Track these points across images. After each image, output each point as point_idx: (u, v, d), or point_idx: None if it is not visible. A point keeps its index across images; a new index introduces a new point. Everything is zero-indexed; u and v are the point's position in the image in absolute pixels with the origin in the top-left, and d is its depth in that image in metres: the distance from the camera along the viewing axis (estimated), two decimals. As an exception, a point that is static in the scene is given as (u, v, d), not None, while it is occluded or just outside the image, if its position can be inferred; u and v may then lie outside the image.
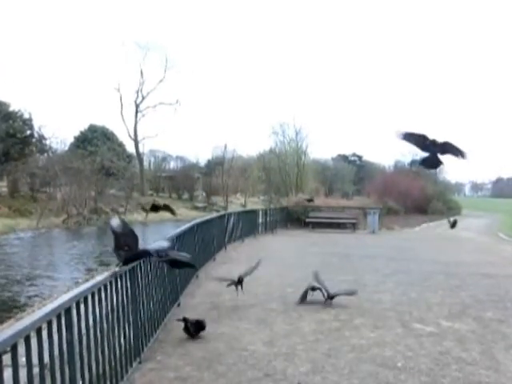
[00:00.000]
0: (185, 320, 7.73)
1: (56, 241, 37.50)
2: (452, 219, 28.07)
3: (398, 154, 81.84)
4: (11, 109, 50.57)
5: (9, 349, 3.29)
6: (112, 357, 5.40)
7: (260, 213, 27.41)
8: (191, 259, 8.14)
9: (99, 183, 51.48)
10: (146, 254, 6.31)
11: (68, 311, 4.26)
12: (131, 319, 6.20)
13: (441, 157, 5.17)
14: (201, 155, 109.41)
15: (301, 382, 5.60)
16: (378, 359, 6.87)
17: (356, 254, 18.42)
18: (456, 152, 5.02)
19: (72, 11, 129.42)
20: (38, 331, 3.75)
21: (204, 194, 71.11)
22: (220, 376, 6.19)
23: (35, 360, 3.62)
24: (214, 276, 9.89)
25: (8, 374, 3.25)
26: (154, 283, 7.66)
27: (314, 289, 10.02)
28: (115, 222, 6.07)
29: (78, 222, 45.05)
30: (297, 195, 38.54)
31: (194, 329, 7.73)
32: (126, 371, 5.93)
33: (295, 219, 31.15)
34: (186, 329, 7.71)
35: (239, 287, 9.87)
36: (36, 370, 3.63)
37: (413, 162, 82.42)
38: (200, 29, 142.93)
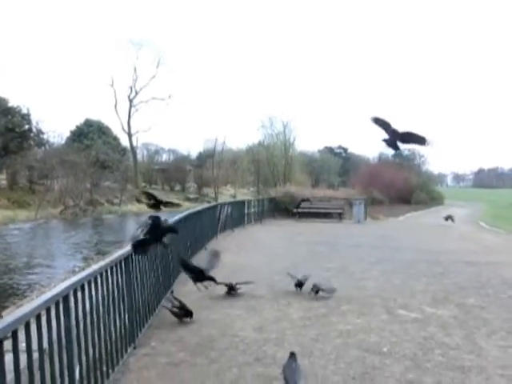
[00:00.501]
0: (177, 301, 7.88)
1: (54, 231, 37.68)
2: (446, 215, 28.81)
3: (382, 146, 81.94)
4: (10, 104, 50.62)
5: (9, 335, 3.33)
6: (108, 342, 5.45)
7: (249, 203, 27.44)
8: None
9: (95, 176, 51.93)
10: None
11: (66, 299, 4.29)
12: (126, 306, 6.23)
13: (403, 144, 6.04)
14: (192, 148, 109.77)
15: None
16: (364, 344, 6.92)
17: (342, 243, 18.50)
18: (417, 140, 5.68)
19: (68, 8, 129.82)
20: (38, 318, 3.78)
21: (195, 186, 71.59)
22: (212, 361, 6.23)
23: (35, 346, 3.66)
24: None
25: (9, 358, 3.28)
26: (148, 271, 7.69)
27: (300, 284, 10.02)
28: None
29: (75, 213, 45.46)
30: (285, 186, 38.57)
31: (183, 313, 7.83)
32: (122, 356, 5.97)
33: (283, 209, 31.26)
34: (174, 312, 7.81)
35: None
36: (35, 355, 3.67)
37: (396, 154, 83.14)
38: (191, 26, 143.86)
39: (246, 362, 6.24)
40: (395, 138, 5.90)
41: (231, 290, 9.58)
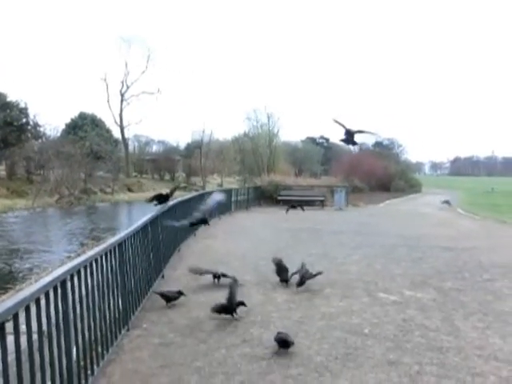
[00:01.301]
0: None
1: (51, 218, 38.33)
2: (444, 199, 29.70)
3: (363, 136, 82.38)
4: (9, 99, 51.36)
5: (10, 317, 3.37)
6: (103, 324, 5.50)
7: (235, 191, 27.78)
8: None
9: (88, 166, 52.94)
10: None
11: (63, 283, 4.32)
12: (120, 290, 6.28)
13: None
14: (181, 139, 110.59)
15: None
16: (347, 326, 7.00)
17: (324, 229, 18.59)
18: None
19: (63, 6, 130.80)
20: (37, 301, 3.82)
21: (184, 175, 73.00)
22: (201, 342, 6.30)
23: (34, 328, 3.70)
24: (190, 268, 9.77)
25: (10, 340, 3.32)
26: (140, 256, 7.75)
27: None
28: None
29: (70, 202, 46.24)
30: (269, 175, 38.69)
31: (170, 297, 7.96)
32: (116, 338, 6.05)
33: (268, 197, 31.44)
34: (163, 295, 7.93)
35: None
36: (35, 336, 3.71)
37: (376, 144, 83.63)
38: (179, 21, 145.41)
39: (233, 343, 6.30)
40: (350, 136, 7.54)
41: (217, 278, 9.59)
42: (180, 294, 8.06)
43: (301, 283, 8.96)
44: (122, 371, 5.38)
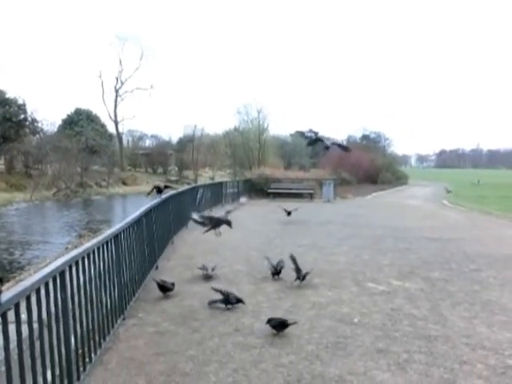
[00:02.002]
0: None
1: (49, 211, 38.91)
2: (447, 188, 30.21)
3: (350, 129, 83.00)
4: (7, 96, 51.77)
5: (12, 307, 3.40)
6: (99, 314, 5.52)
7: (226, 184, 27.93)
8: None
9: (84, 160, 53.70)
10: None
11: (62, 274, 4.35)
12: (115, 280, 6.31)
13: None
14: (173, 134, 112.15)
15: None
16: (336, 315, 7.04)
17: (313, 221, 18.67)
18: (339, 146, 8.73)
19: (59, 4, 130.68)
20: (37, 291, 3.86)
21: (176, 169, 73.70)
22: (195, 331, 6.34)
23: (34, 317, 3.73)
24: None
25: (12, 329, 3.35)
26: (135, 248, 7.79)
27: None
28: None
29: (67, 195, 47.09)
30: (259, 169, 38.76)
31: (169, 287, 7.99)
32: (112, 326, 6.09)
33: (258, 190, 31.53)
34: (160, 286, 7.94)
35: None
36: (35, 325, 3.74)
37: (363, 137, 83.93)
38: (172, 19, 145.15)
39: (226, 332, 6.33)
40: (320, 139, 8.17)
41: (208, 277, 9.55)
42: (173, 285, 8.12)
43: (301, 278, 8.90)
44: (118, 359, 5.41)
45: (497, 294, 8.37)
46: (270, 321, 6.21)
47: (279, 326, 6.15)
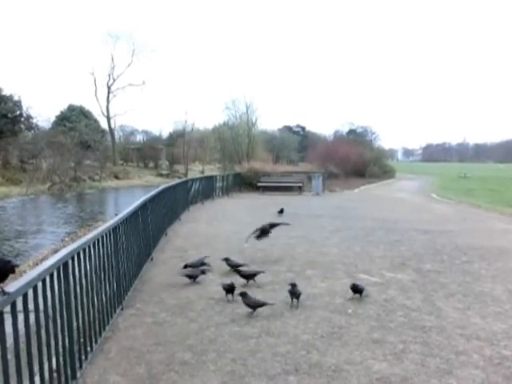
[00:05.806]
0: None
1: (44, 204, 39.45)
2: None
3: (337, 124, 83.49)
4: (4, 93, 52.20)
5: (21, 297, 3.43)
6: (99, 304, 5.56)
7: (217, 178, 28.14)
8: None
9: (78, 155, 54.12)
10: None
11: (65, 265, 4.39)
12: (114, 272, 6.37)
13: None
14: (164, 129, 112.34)
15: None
16: (330, 306, 7.07)
17: (303, 214, 18.71)
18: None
19: (54, 1, 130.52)
20: (43, 282, 3.87)
21: (167, 163, 74.49)
22: (191, 321, 6.37)
23: (41, 306, 3.75)
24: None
25: (20, 318, 3.37)
26: (132, 241, 7.86)
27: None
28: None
29: (61, 189, 47.60)
30: (248, 163, 38.76)
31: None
32: (111, 316, 6.14)
33: (248, 184, 31.58)
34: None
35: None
36: (41, 314, 3.76)
37: (350, 131, 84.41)
38: (162, 16, 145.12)
39: (222, 322, 6.36)
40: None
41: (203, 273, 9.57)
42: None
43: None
44: (118, 348, 5.43)
45: (489, 285, 8.42)
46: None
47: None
